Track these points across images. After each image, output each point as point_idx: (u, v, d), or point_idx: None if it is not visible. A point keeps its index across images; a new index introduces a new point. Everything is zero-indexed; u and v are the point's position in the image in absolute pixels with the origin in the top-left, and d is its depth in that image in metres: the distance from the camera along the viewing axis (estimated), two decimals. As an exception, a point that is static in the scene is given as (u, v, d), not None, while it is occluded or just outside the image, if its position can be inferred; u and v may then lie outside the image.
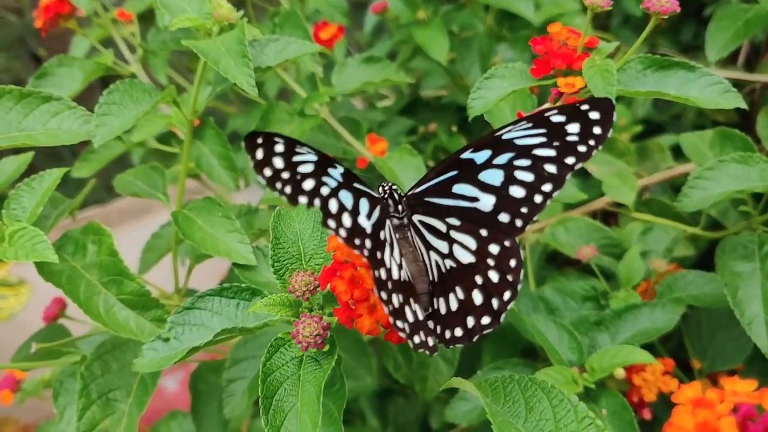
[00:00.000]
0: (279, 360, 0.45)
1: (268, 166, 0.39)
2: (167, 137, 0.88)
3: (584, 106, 0.43)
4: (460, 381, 0.42)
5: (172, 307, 0.63)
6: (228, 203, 0.80)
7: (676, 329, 0.64)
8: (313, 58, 0.81)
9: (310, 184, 0.40)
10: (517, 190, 0.44)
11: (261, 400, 0.43)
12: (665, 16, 0.51)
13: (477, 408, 0.66)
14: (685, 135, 0.79)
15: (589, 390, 0.58)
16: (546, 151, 0.43)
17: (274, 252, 0.49)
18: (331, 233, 0.41)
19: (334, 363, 0.44)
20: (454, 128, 1.14)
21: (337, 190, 0.41)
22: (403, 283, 0.43)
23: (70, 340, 0.67)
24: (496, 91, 0.55)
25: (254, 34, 0.62)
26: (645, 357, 0.56)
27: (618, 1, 1.10)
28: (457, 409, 0.66)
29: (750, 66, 1.11)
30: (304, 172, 0.40)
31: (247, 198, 0.89)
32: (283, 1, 0.91)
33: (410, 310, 0.42)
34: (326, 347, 0.44)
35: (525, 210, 0.44)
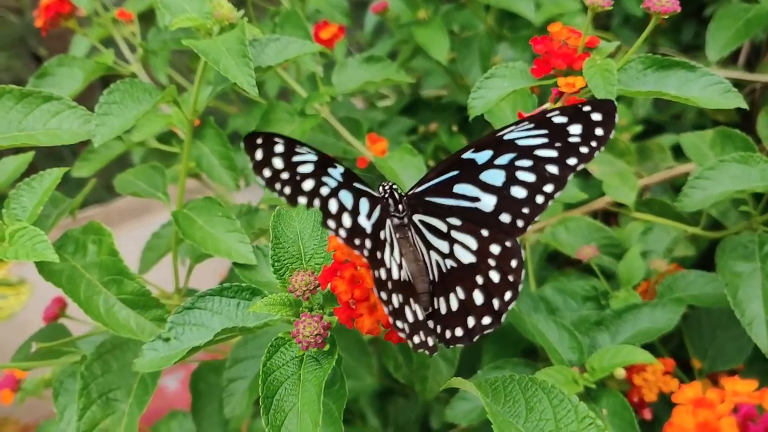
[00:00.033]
0: (279, 360, 0.45)
1: (267, 167, 0.38)
2: (168, 137, 0.88)
3: (586, 108, 0.43)
4: (460, 381, 0.42)
5: (172, 306, 0.63)
6: (228, 203, 0.80)
7: (676, 329, 0.64)
8: (314, 58, 0.81)
9: (309, 185, 0.40)
10: (519, 191, 0.44)
11: (261, 400, 0.43)
12: (666, 16, 0.51)
13: (477, 408, 0.65)
14: (685, 135, 0.79)
15: (589, 390, 0.58)
16: (548, 152, 0.43)
17: (275, 252, 0.49)
18: (330, 233, 0.41)
19: (335, 362, 0.44)
20: (455, 128, 1.14)
21: (337, 190, 0.41)
22: (403, 283, 0.43)
23: (71, 339, 0.67)
24: (497, 91, 0.55)
25: (255, 34, 0.62)
26: (645, 357, 0.56)
27: (618, 0, 1.10)
28: (457, 408, 0.66)
29: (750, 66, 1.11)
30: (304, 172, 0.39)
31: (248, 198, 0.89)
32: (284, 1, 0.91)
33: (410, 310, 0.42)
34: (326, 347, 0.44)
35: (526, 210, 0.44)
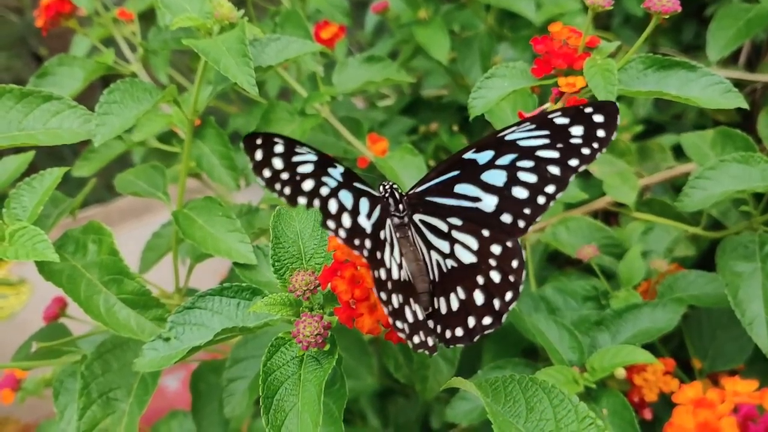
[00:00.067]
0: (279, 359, 0.45)
1: (267, 167, 0.38)
2: (168, 136, 0.88)
3: (588, 109, 0.43)
4: (460, 381, 0.42)
5: (172, 306, 0.63)
6: (229, 203, 0.80)
7: (676, 329, 0.64)
8: (314, 58, 0.81)
9: (309, 185, 0.39)
10: (520, 191, 0.44)
11: (262, 400, 0.43)
12: (666, 16, 0.51)
13: (477, 408, 0.65)
14: (686, 135, 0.79)
15: (589, 390, 0.58)
16: (549, 153, 0.44)
17: (275, 251, 0.49)
18: (330, 234, 0.41)
19: (335, 362, 0.44)
20: (455, 128, 1.14)
21: (336, 190, 0.41)
22: (403, 283, 0.43)
23: (71, 339, 0.67)
24: (497, 91, 0.55)
25: (255, 34, 0.62)
26: (646, 357, 0.56)
27: (619, 0, 1.10)
28: (457, 408, 0.66)
29: (751, 66, 1.11)
30: (304, 172, 0.39)
31: (248, 197, 0.89)
32: (284, 1, 0.91)
33: (410, 311, 0.42)
34: (327, 347, 0.44)
35: (528, 211, 0.44)
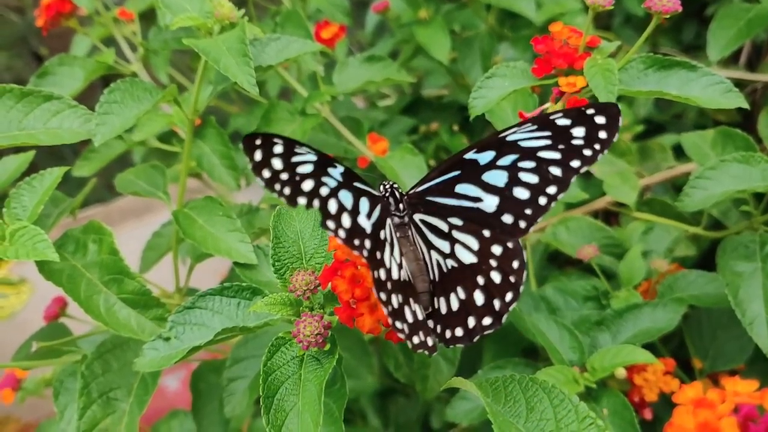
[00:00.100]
0: (280, 359, 0.45)
1: (266, 168, 0.38)
2: (168, 136, 0.88)
3: (590, 111, 0.43)
4: (460, 380, 0.42)
5: (172, 306, 0.63)
6: (229, 202, 0.80)
7: (677, 329, 0.64)
8: (315, 57, 0.81)
9: (309, 185, 0.39)
10: (522, 192, 0.44)
11: (262, 400, 0.43)
12: (667, 16, 0.51)
13: (478, 407, 0.65)
14: (686, 134, 0.79)
15: (590, 390, 0.58)
16: (551, 154, 0.44)
17: (275, 251, 0.49)
18: (330, 234, 0.41)
19: (335, 362, 0.44)
20: (456, 127, 1.13)
21: (336, 190, 0.41)
22: (403, 282, 0.43)
23: (71, 339, 0.67)
24: (498, 91, 0.55)
25: (255, 33, 0.62)
26: (646, 357, 0.56)
27: (619, 0, 1.10)
28: (457, 408, 0.66)
29: (752, 66, 1.11)
30: (303, 172, 0.39)
31: (248, 197, 0.89)
32: (285, 0, 0.91)
33: (409, 311, 0.42)
34: (327, 346, 0.44)
35: (529, 212, 0.44)
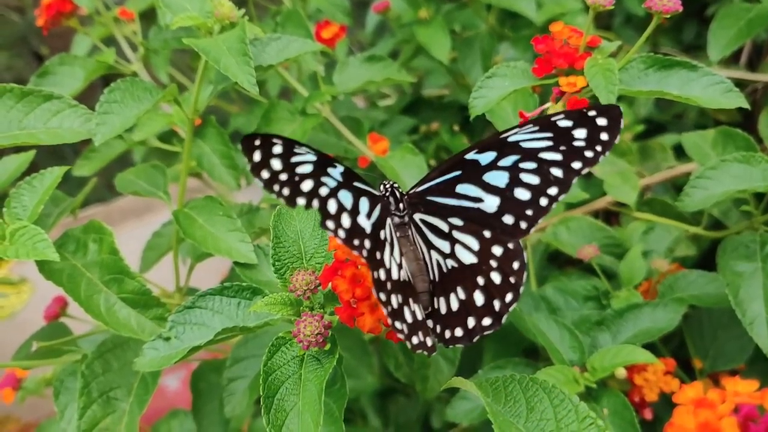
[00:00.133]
0: (280, 359, 0.45)
1: (265, 168, 0.38)
2: (168, 136, 0.88)
3: (592, 112, 0.43)
4: (460, 380, 0.42)
5: (173, 306, 0.63)
6: (229, 202, 0.80)
7: (677, 329, 0.64)
8: (315, 57, 0.81)
9: (308, 185, 0.39)
10: (523, 193, 0.44)
11: (262, 400, 0.43)
12: (667, 16, 0.51)
13: (478, 407, 0.65)
14: (687, 134, 0.79)
15: (590, 389, 0.58)
16: (552, 155, 0.44)
17: (275, 251, 0.49)
18: (330, 234, 0.41)
19: (336, 362, 0.44)
20: (456, 127, 1.13)
21: (336, 190, 0.41)
22: (403, 283, 0.43)
23: (71, 338, 0.67)
24: (498, 91, 0.55)
25: (256, 33, 0.62)
26: (646, 357, 0.56)
27: (620, 0, 1.10)
28: (458, 408, 0.66)
29: (752, 65, 1.11)
30: (303, 173, 0.39)
31: (249, 197, 0.89)
32: (285, 0, 0.91)
33: (409, 311, 0.42)
34: (327, 346, 0.44)
35: (530, 212, 0.44)
